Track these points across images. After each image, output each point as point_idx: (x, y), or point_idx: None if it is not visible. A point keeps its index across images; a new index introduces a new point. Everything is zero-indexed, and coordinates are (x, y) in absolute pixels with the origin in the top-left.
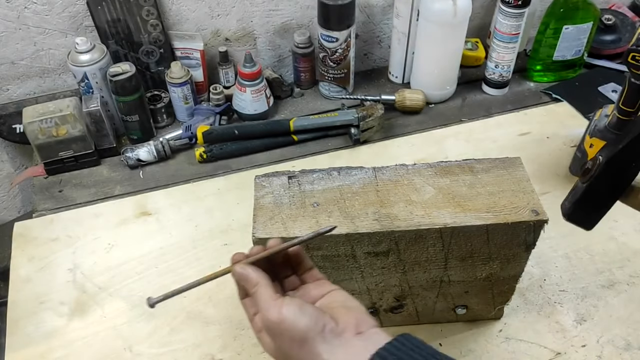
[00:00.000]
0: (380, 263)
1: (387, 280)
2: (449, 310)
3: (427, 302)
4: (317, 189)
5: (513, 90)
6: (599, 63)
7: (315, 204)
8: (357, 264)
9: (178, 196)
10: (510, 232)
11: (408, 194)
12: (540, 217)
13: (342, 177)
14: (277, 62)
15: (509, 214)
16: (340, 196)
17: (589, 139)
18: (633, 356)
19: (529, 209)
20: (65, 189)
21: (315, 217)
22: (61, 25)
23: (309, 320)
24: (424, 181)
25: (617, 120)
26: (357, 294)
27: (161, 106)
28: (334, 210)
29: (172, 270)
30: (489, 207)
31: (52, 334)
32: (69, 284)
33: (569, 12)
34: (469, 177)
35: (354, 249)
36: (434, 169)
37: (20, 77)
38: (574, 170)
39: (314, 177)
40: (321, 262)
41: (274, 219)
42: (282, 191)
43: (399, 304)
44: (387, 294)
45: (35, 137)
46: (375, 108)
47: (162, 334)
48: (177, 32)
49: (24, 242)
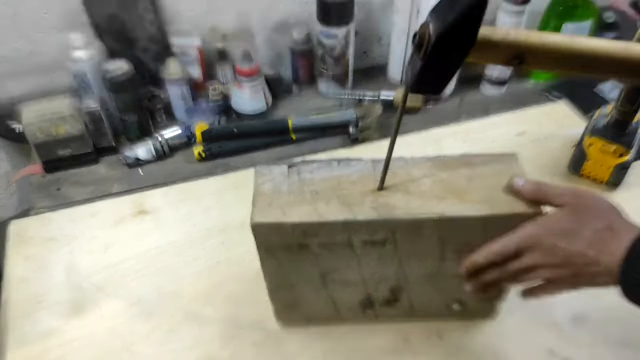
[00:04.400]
0: (377, 252)
1: (383, 270)
2: (445, 306)
3: (423, 296)
4: (316, 177)
5: (511, 89)
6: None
7: (314, 191)
8: (354, 253)
9: (176, 195)
10: (506, 224)
11: (406, 185)
12: (537, 210)
13: (341, 167)
14: (276, 59)
15: (506, 206)
16: (338, 185)
17: (589, 138)
18: (629, 355)
19: (525, 202)
20: (63, 187)
21: (313, 204)
22: (56, 22)
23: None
24: (422, 173)
25: (616, 120)
26: (354, 284)
27: (159, 104)
28: (332, 198)
29: (170, 269)
30: (485, 199)
31: (49, 334)
32: (66, 283)
33: (568, 10)
34: (466, 171)
35: (351, 237)
36: (432, 162)
37: (17, 75)
38: (572, 169)
39: (313, 167)
40: (318, 249)
41: (273, 205)
42: (282, 179)
43: (394, 297)
44: (382, 286)
45: (33, 136)
46: (373, 107)
47: (160, 333)
48: (174, 29)
49: (20, 241)
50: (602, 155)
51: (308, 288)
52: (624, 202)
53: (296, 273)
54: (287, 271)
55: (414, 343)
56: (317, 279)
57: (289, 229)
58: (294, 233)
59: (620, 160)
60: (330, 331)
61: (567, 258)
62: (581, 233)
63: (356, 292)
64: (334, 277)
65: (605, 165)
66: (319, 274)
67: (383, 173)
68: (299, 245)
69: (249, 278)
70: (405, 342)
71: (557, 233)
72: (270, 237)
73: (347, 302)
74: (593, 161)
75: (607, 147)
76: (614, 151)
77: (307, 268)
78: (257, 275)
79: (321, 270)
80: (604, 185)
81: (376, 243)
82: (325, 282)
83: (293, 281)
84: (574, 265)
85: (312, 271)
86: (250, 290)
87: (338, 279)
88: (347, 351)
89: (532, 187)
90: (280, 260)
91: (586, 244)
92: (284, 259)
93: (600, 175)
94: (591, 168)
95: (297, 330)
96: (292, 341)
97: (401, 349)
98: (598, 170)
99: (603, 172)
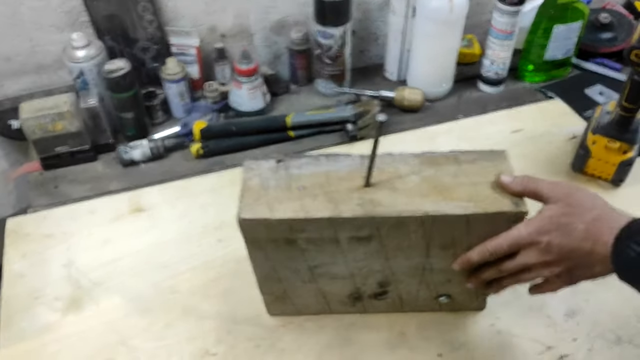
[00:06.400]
0: (363, 248)
1: (370, 265)
2: (432, 298)
3: (410, 289)
4: (304, 173)
5: (509, 87)
6: (587, 65)
7: (301, 187)
8: (340, 248)
9: (172, 192)
10: (490, 222)
11: (393, 181)
12: (520, 209)
13: (329, 163)
14: (274, 58)
15: (490, 204)
16: (326, 181)
17: (592, 135)
18: (623, 350)
19: (509, 201)
20: (60, 185)
21: (300, 200)
22: (57, 21)
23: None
24: (409, 169)
25: (620, 117)
26: (342, 278)
27: (157, 103)
28: (319, 194)
29: (166, 266)
30: (470, 197)
31: (47, 329)
32: (63, 279)
33: (558, 12)
34: (453, 168)
35: (337, 233)
36: (419, 158)
37: (16, 73)
38: (576, 167)
39: (301, 162)
40: (305, 244)
41: (260, 200)
42: (270, 174)
43: (382, 290)
44: (370, 280)
45: (32, 132)
46: (371, 104)
47: (156, 328)
48: (173, 29)
49: (17, 238)
50: (606, 153)
51: (297, 281)
52: (628, 199)
53: (284, 267)
54: (276, 265)
55: (409, 337)
56: (305, 273)
57: (276, 225)
58: (280, 228)
59: (624, 157)
60: (326, 326)
61: (563, 254)
62: (575, 227)
63: (345, 285)
64: (322, 271)
65: (609, 162)
66: (307, 268)
67: (368, 172)
68: (286, 240)
69: (245, 274)
70: (401, 336)
71: (551, 230)
72: (258, 232)
73: (336, 295)
74: (597, 159)
75: (612, 144)
76: (618, 148)
77: (295, 262)
78: (253, 272)
79: (309, 264)
80: (608, 183)
81: (362, 239)
82: (314, 276)
83: (281, 274)
84: (571, 260)
85: (300, 265)
86: (246, 286)
87: (326, 273)
88: (342, 346)
89: (522, 182)
90: (268, 254)
91: (580, 238)
92: (272, 253)
93: (605, 172)
94: (595, 165)
95: (293, 325)
96: (288, 336)
97: (397, 343)
98: (602, 167)
99: (608, 169)
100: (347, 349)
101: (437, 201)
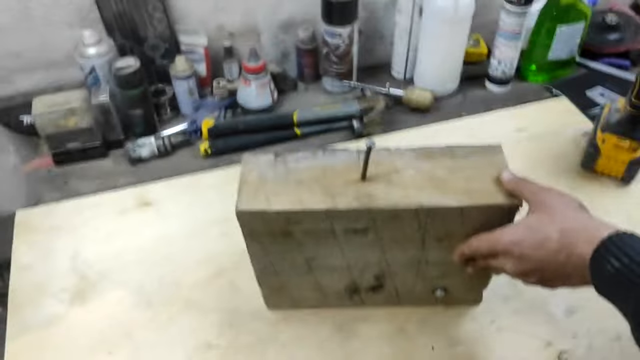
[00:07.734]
0: (359, 240)
1: (367, 257)
2: (428, 292)
3: (407, 282)
4: (301, 167)
5: (515, 87)
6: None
7: (299, 180)
8: (336, 241)
9: (178, 188)
10: (484, 214)
11: (389, 175)
12: (513, 202)
13: (326, 157)
14: (281, 56)
15: (484, 197)
16: (323, 174)
17: (601, 134)
18: (623, 347)
19: (503, 194)
20: (70, 181)
21: (297, 193)
22: (67, 18)
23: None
24: (405, 163)
25: (629, 115)
26: (338, 270)
27: (165, 100)
28: (316, 187)
29: (171, 259)
30: (465, 190)
31: (53, 321)
32: (70, 271)
33: (561, 13)
34: (449, 162)
35: (333, 225)
36: (415, 152)
37: (26, 69)
38: (586, 166)
39: (299, 156)
40: (302, 236)
41: (258, 193)
42: (268, 168)
43: (378, 283)
44: (367, 272)
45: (44, 127)
46: (376, 100)
47: (160, 321)
48: (182, 27)
49: (26, 230)
50: (616, 151)
51: (294, 273)
52: (639, 197)
53: (282, 259)
54: (273, 257)
55: (409, 332)
56: (302, 265)
57: (273, 217)
58: (277, 220)
59: (634, 155)
60: (326, 320)
61: (537, 264)
62: (550, 237)
63: (341, 278)
64: (318, 263)
65: (619, 160)
66: (304, 260)
67: (364, 165)
68: (284, 232)
69: (247, 268)
70: (401, 331)
71: (524, 240)
72: (255, 224)
73: (333, 288)
74: (607, 157)
75: (622, 143)
76: (628, 146)
77: (292, 254)
78: (251, 265)
79: (306, 256)
80: (618, 181)
81: (358, 231)
82: (311, 268)
83: (279, 267)
84: (546, 271)
85: (297, 257)
86: (248, 280)
87: (323, 265)
88: (343, 340)
89: (513, 181)
90: (265, 246)
91: (554, 249)
92: (270, 245)
93: (615, 171)
94: (605, 164)
95: (294, 319)
96: (289, 330)
97: (397, 337)
98: (612, 166)
99: (618, 167)
100: (347, 343)
101: (432, 194)
